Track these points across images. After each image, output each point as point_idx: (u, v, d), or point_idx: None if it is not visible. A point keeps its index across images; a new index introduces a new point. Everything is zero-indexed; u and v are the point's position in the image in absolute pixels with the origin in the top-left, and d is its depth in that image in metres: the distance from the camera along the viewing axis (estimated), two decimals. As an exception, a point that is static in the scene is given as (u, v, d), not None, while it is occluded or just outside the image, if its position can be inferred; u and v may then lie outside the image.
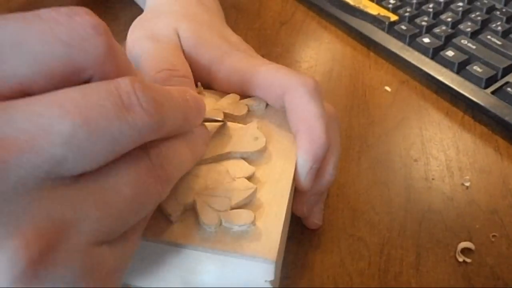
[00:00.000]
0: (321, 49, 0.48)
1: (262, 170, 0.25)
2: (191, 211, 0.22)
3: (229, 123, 0.27)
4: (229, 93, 0.29)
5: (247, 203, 0.23)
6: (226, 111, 0.27)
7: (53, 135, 0.15)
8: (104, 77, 0.18)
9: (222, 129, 0.26)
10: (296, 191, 0.27)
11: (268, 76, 0.28)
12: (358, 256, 0.30)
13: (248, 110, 0.28)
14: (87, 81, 0.18)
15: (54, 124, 0.15)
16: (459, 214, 0.32)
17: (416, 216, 0.32)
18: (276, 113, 0.28)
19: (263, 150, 0.26)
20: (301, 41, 0.49)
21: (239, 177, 0.24)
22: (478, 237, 0.31)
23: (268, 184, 0.24)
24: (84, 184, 0.16)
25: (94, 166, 0.16)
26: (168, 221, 0.22)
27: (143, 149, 0.18)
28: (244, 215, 0.22)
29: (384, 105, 0.41)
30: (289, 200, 0.24)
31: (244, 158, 0.25)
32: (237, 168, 0.24)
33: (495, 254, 0.30)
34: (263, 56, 0.33)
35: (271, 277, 0.21)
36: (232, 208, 0.22)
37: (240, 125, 0.27)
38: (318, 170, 0.26)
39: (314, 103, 0.26)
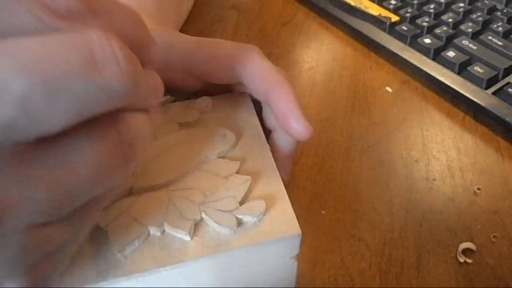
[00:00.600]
0: (322, 50, 0.48)
1: (242, 161, 0.25)
2: (199, 224, 0.22)
3: (193, 129, 0.27)
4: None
5: (250, 194, 0.23)
6: (179, 120, 0.27)
7: (4, 94, 0.13)
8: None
9: (188, 138, 0.26)
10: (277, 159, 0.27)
11: (213, 49, 0.27)
12: (359, 257, 0.30)
13: (199, 113, 0.28)
14: None
15: (6, 80, 0.13)
16: (460, 214, 0.32)
17: (417, 217, 0.32)
18: (225, 103, 0.29)
19: (235, 144, 0.26)
20: (302, 41, 0.49)
21: (229, 175, 0.24)
22: (479, 238, 0.31)
23: (255, 172, 0.25)
24: (37, 159, 0.14)
25: (52, 132, 0.14)
26: (183, 242, 0.21)
27: (112, 122, 0.16)
28: (256, 205, 0.22)
29: (385, 105, 0.41)
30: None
31: (221, 157, 0.25)
32: (223, 167, 0.24)
33: (496, 255, 0.30)
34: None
35: (297, 250, 0.23)
36: (241, 204, 0.22)
37: (202, 128, 0.27)
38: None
39: (268, 62, 0.26)
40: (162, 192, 0.23)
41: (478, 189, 0.34)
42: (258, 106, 0.29)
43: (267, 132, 0.28)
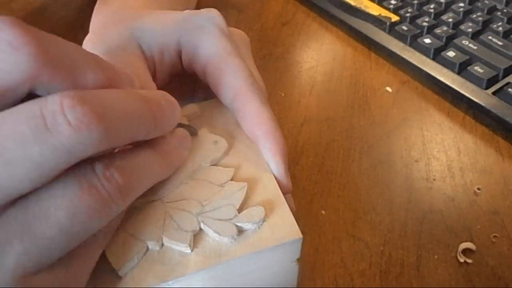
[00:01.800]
0: (322, 50, 0.48)
1: (237, 168, 0.25)
2: (198, 235, 0.22)
3: None
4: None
5: (247, 200, 0.23)
6: None
7: None
8: (50, 87, 0.17)
9: None
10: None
11: (222, 73, 0.26)
12: (359, 257, 0.30)
13: (188, 120, 0.27)
14: (32, 95, 0.16)
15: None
16: (460, 214, 0.32)
17: (417, 217, 0.32)
18: (212, 110, 0.28)
19: (228, 151, 0.25)
20: (302, 41, 0.49)
21: (225, 182, 0.23)
22: (479, 238, 0.31)
23: (251, 178, 0.24)
24: (11, 214, 0.15)
25: (20, 194, 0.15)
26: (183, 254, 0.21)
27: (90, 163, 0.17)
28: (255, 212, 0.22)
29: (385, 105, 0.41)
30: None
31: (214, 165, 0.25)
32: (217, 175, 0.24)
33: (496, 255, 0.30)
34: (264, 56, 0.33)
35: (298, 255, 0.23)
36: (239, 211, 0.22)
37: (192, 137, 0.26)
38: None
39: (265, 107, 0.25)
40: (158, 205, 0.22)
41: (478, 189, 0.34)
42: None
43: None
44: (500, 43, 0.43)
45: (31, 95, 0.17)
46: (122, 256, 0.20)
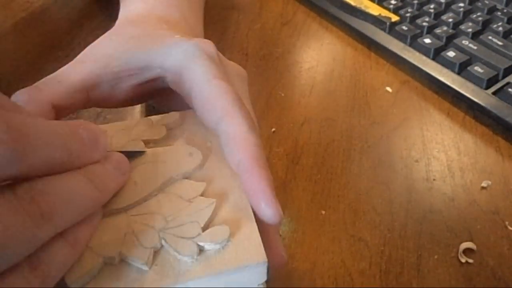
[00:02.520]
0: (322, 50, 0.48)
1: (209, 182, 0.24)
2: (159, 251, 0.21)
3: (158, 149, 0.25)
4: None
5: (214, 218, 0.22)
6: (145, 138, 0.26)
7: None
8: None
9: (152, 157, 0.24)
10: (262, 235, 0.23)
11: (208, 94, 0.25)
12: (359, 257, 0.30)
13: (167, 129, 0.26)
14: None
15: None
16: (460, 214, 0.32)
17: (417, 217, 0.32)
18: (194, 119, 0.27)
19: (202, 163, 0.24)
20: (302, 41, 0.49)
21: (194, 197, 0.23)
22: (479, 238, 0.31)
23: (223, 193, 0.23)
24: None
25: None
26: (141, 271, 0.20)
27: (8, 187, 0.17)
28: (219, 231, 0.21)
29: (385, 105, 0.41)
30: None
31: (186, 178, 0.24)
32: (187, 190, 0.23)
33: (496, 255, 0.30)
34: (264, 56, 0.33)
35: (264, 278, 0.21)
36: (204, 230, 0.21)
37: (168, 147, 0.25)
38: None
39: (252, 133, 0.23)
40: (121, 217, 0.22)
41: (485, 186, 0.34)
42: None
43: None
44: (500, 43, 0.43)
45: None
46: (76, 270, 0.19)
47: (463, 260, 0.29)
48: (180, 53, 0.26)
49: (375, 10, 0.49)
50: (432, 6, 0.49)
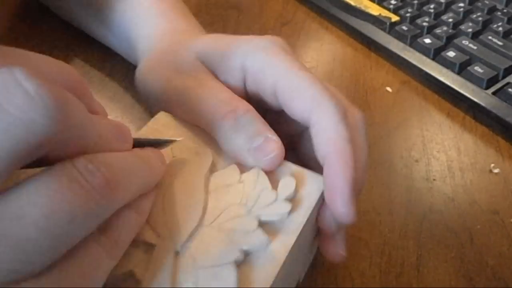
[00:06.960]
0: (322, 50, 0.48)
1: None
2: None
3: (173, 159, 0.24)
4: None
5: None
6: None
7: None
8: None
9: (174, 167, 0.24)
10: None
11: (296, 84, 0.25)
12: (359, 257, 0.30)
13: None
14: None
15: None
16: (460, 214, 0.32)
17: (417, 217, 0.32)
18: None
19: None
20: (302, 41, 0.49)
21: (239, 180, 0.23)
22: (479, 238, 0.31)
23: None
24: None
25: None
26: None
27: (68, 161, 0.16)
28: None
29: (385, 105, 0.41)
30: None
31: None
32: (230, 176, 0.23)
33: (496, 255, 0.30)
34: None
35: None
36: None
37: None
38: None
39: (342, 124, 0.23)
40: (208, 229, 0.21)
41: (492, 169, 0.34)
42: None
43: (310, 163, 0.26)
44: (500, 43, 0.43)
45: None
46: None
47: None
48: (258, 51, 0.27)
49: (375, 10, 0.49)
50: (432, 6, 0.49)
